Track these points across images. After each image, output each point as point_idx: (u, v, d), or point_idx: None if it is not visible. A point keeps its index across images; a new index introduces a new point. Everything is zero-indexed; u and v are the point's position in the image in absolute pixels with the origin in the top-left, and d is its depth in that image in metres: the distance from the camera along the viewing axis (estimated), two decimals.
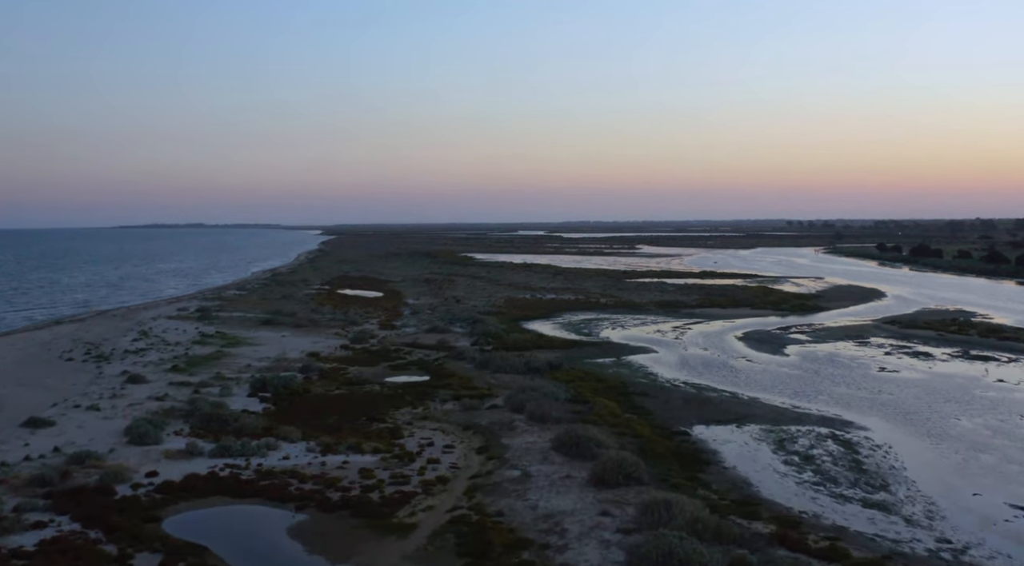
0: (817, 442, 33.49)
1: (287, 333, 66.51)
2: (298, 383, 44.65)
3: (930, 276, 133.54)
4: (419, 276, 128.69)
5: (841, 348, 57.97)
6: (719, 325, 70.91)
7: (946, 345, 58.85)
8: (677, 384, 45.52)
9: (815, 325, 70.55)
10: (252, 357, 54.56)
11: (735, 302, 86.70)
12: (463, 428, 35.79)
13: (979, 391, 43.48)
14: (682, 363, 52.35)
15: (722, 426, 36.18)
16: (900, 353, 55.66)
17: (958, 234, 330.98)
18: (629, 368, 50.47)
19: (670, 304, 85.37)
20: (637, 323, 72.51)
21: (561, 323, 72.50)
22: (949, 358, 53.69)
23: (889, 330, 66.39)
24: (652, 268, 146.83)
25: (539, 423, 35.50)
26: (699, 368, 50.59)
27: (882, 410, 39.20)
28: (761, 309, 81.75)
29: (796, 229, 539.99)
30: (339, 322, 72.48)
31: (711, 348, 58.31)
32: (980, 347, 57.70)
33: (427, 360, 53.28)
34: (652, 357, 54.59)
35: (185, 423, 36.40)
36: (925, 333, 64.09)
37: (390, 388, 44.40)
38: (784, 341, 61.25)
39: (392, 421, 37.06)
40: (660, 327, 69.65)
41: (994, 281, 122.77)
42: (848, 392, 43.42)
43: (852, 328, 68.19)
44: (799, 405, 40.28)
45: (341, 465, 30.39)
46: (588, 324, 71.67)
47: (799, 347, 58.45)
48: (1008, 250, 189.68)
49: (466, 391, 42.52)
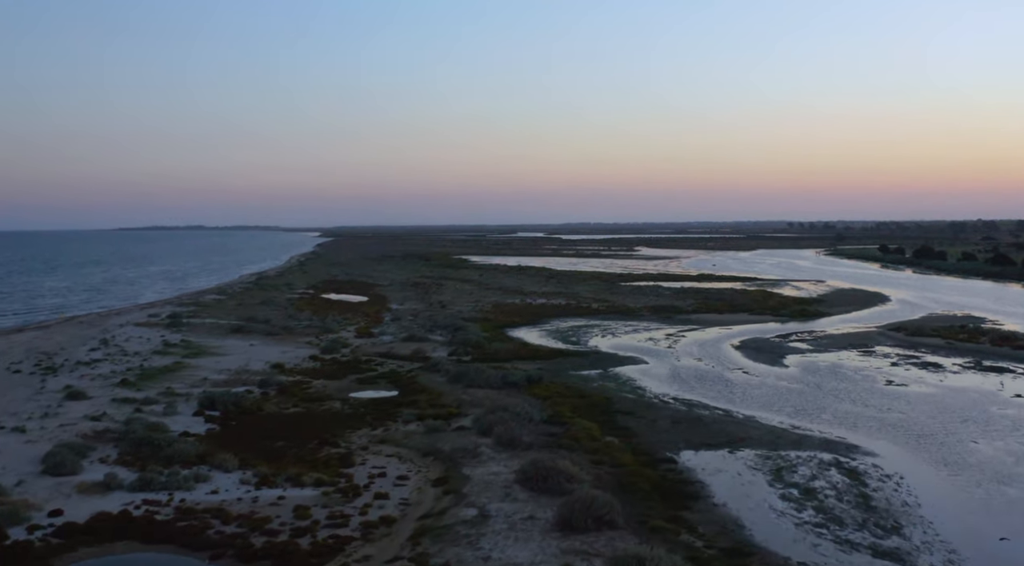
0: (819, 471, 29.67)
1: (257, 342, 62.76)
2: (251, 400, 40.88)
3: (934, 279, 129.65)
4: (408, 280, 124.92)
5: (844, 358, 54.17)
6: (715, 332, 67.11)
7: (956, 355, 55.03)
8: (666, 400, 41.73)
9: (816, 332, 66.73)
10: (212, 369, 50.81)
11: (733, 307, 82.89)
12: (423, 454, 32.02)
13: (996, 408, 39.66)
14: (673, 376, 48.55)
15: (713, 451, 32.37)
16: (908, 364, 51.86)
17: (960, 235, 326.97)
18: (616, 381, 46.69)
19: (665, 309, 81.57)
20: (629, 330, 68.72)
21: (548, 330, 68.74)
22: (961, 369, 49.87)
23: (895, 338, 62.56)
24: (649, 271, 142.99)
25: (507, 449, 31.71)
26: (691, 381, 46.79)
27: (891, 432, 35.38)
28: (760, 315, 77.95)
29: (797, 231, 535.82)
30: (314, 329, 68.74)
31: (706, 358, 54.52)
32: (993, 357, 53.88)
33: (399, 372, 49.58)
34: (642, 369, 50.81)
35: (115, 448, 32.68)
36: (933, 341, 60.26)
37: (353, 405, 40.68)
38: (783, 350, 57.45)
39: (346, 445, 33.33)
40: (653, 335, 65.85)
41: (1000, 284, 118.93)
42: (853, 409, 39.60)
43: (856, 336, 64.37)
44: (799, 426, 36.47)
45: (275, 501, 26.63)
46: (577, 331, 67.89)
47: (800, 357, 54.64)
48: (1012, 252, 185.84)
49: (433, 409, 38.73)
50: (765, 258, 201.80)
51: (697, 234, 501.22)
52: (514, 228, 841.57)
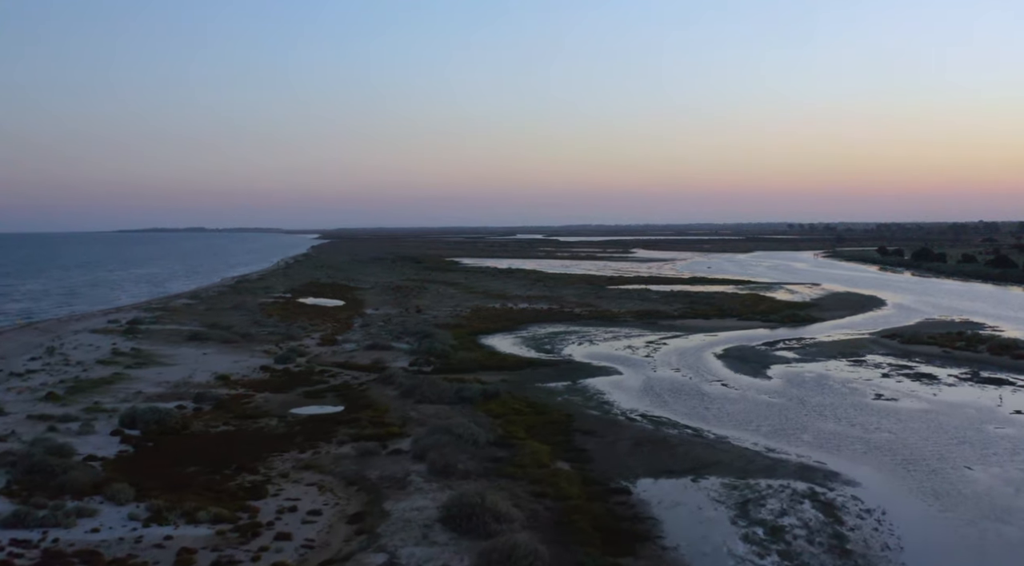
0: (791, 505, 26.09)
1: (211, 350, 59.26)
2: (177, 418, 37.30)
3: (933, 282, 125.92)
4: (391, 283, 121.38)
5: (833, 369, 50.57)
6: (699, 339, 63.53)
7: (952, 365, 51.43)
8: (633, 417, 38.16)
9: (806, 339, 63.14)
10: (152, 381, 47.27)
11: (721, 312, 79.30)
12: (347, 483, 28.48)
13: (994, 427, 36.07)
14: (646, 388, 44.98)
15: (675, 479, 28.81)
16: (900, 375, 48.25)
17: (961, 237, 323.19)
18: (582, 395, 43.14)
19: (650, 314, 78.01)
20: (608, 337, 65.14)
21: (524, 337, 65.18)
22: (956, 382, 46.26)
23: (888, 346, 58.96)
24: (640, 274, 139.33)
25: (440, 478, 28.16)
26: (664, 395, 43.21)
27: (877, 456, 31.79)
28: (749, 320, 74.34)
29: (797, 232, 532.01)
30: (276, 336, 65.22)
31: (684, 369, 50.93)
32: (992, 367, 50.28)
33: (352, 385, 46.07)
34: (613, 380, 47.26)
35: (8, 473, 29.15)
36: (929, 349, 56.67)
37: (289, 423, 37.16)
38: (769, 360, 53.87)
39: (265, 472, 29.80)
40: (633, 342, 62.28)
41: (1001, 287, 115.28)
42: (837, 429, 36.01)
43: (847, 343, 60.77)
44: (776, 448, 32.88)
45: (161, 542, 23.12)
46: (553, 338, 64.33)
47: (785, 367, 51.06)
48: (1014, 254, 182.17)
49: (373, 429, 35.18)
50: (762, 260, 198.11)
51: (696, 236, 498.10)
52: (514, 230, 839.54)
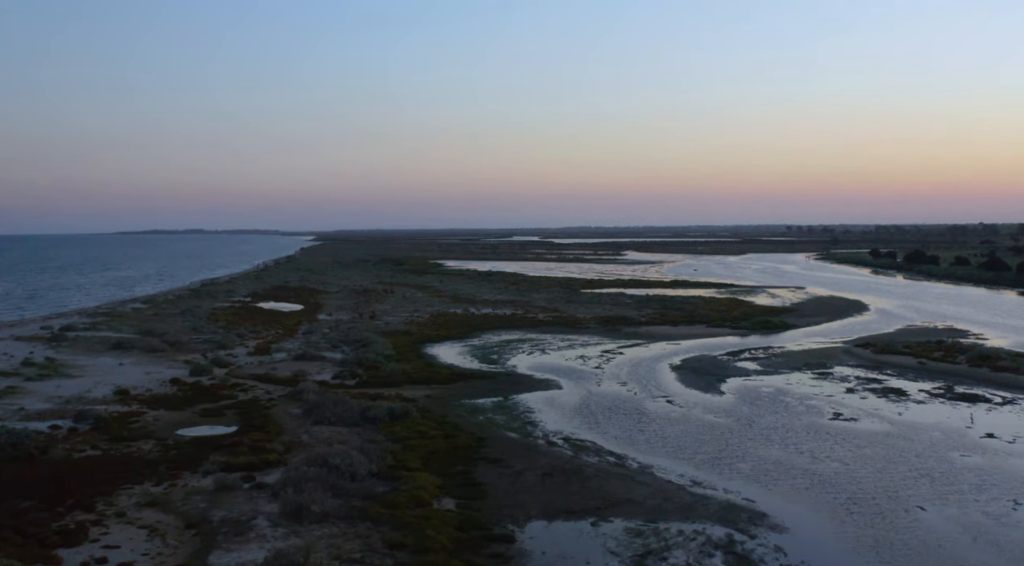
0: (699, 559, 21.73)
1: (131, 360, 54.95)
2: (38, 441, 32.94)
3: (924, 286, 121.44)
4: (361, 286, 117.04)
5: (794, 382, 46.18)
6: (659, 348, 59.17)
7: (926, 378, 47.03)
8: (555, 441, 33.81)
9: (775, 348, 58.77)
10: (44, 396, 42.92)
11: (692, 318, 74.93)
12: (186, 526, 24.13)
13: (959, 454, 31.70)
14: (582, 406, 40.62)
15: (572, 522, 24.46)
16: (866, 390, 43.86)
17: (959, 239, 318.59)
18: (508, 414, 38.81)
19: (615, 320, 73.65)
20: (564, 345, 60.80)
21: (473, 346, 60.84)
22: (927, 398, 41.85)
23: (860, 356, 54.57)
24: (622, 277, 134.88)
25: (290, 521, 23.81)
26: (599, 414, 38.84)
27: (818, 492, 27.40)
28: (719, 326, 69.99)
29: (795, 234, 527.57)
30: (209, 345, 60.88)
31: (632, 382, 46.57)
32: (969, 381, 45.90)
33: (259, 400, 41.72)
34: (549, 396, 42.91)
35: None
36: (903, 360, 52.27)
37: (167, 447, 32.81)
38: (727, 372, 49.51)
39: (103, 509, 25.44)
40: (588, 351, 57.93)
41: (994, 291, 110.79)
42: (781, 457, 31.65)
43: (817, 353, 56.39)
44: (704, 481, 28.52)
45: None
46: (504, 347, 59.99)
47: (742, 381, 46.68)
48: (1010, 256, 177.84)
49: (249, 456, 30.76)
50: (752, 263, 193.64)
51: (693, 238, 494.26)
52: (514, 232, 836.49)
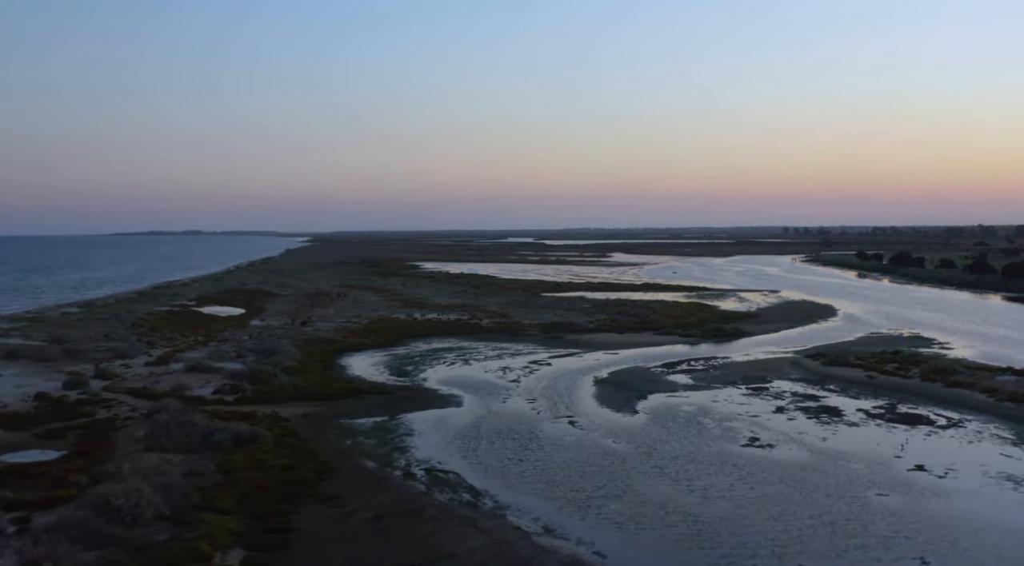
0: None
1: (14, 370, 50.43)
2: None
3: (905, 290, 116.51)
4: (317, 290, 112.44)
5: (722, 399, 41.52)
6: (594, 359, 54.57)
7: (870, 395, 42.34)
8: (414, 473, 29.24)
9: (719, 359, 54.12)
10: None
11: (643, 324, 70.32)
12: None
13: (877, 493, 27.03)
14: (471, 428, 36.00)
15: None
16: (798, 409, 39.21)
17: (952, 241, 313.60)
18: (382, 437, 34.25)
19: (560, 327, 69.05)
20: (493, 355, 56.21)
21: (395, 355, 56.26)
22: (863, 420, 37.16)
23: (807, 369, 49.91)
24: (592, 280, 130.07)
25: None
26: (484, 439, 34.22)
27: (689, 546, 22.73)
28: (669, 334, 65.35)
29: (791, 236, 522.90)
30: (110, 353, 56.24)
31: (542, 399, 41.95)
32: (916, 399, 41.19)
33: (116, 420, 37.19)
34: (441, 416, 38.34)
35: None
36: (851, 373, 47.58)
37: None
38: (654, 386, 44.86)
39: None
40: (515, 362, 53.33)
41: (978, 295, 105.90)
42: (668, 494, 27.02)
43: (761, 364, 51.73)
44: (558, 528, 23.90)
45: None
46: (427, 357, 55.43)
47: (665, 398, 42.03)
48: (1001, 258, 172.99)
49: (41, 493, 26.16)
50: (736, 265, 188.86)
51: (687, 240, 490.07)
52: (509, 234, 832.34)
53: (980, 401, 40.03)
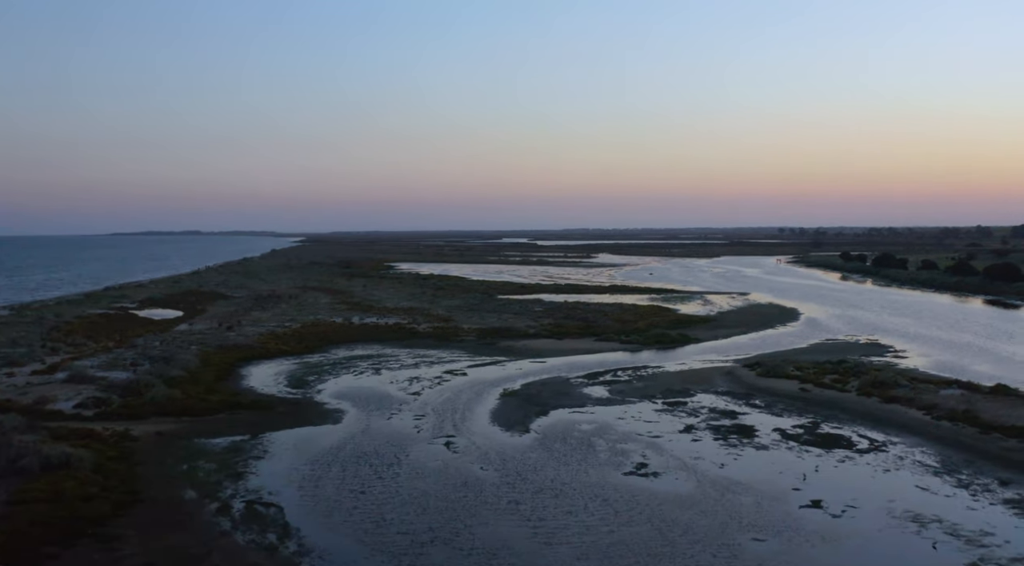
0: None
1: None
2: None
3: (880, 292, 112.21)
4: (272, 291, 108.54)
5: (630, 416, 37.51)
6: (516, 368, 50.62)
7: (794, 412, 38.29)
8: (230, 506, 25.29)
9: (650, 368, 50.14)
10: None
11: (587, 330, 66.36)
12: None
13: (752, 538, 23.01)
14: (333, 450, 32.02)
15: None
16: (708, 428, 35.20)
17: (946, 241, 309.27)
18: (225, 462, 30.29)
19: (498, 333, 65.12)
20: (411, 364, 52.26)
21: (305, 364, 52.34)
22: (775, 442, 33.11)
23: (739, 380, 45.87)
24: (559, 282, 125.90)
25: None
26: (339, 464, 30.23)
27: None
28: (611, 341, 61.38)
29: (786, 236, 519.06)
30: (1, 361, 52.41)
31: (432, 415, 37.97)
32: (843, 417, 37.17)
33: None
34: (310, 434, 34.45)
35: None
36: (785, 386, 43.56)
37: None
38: (563, 401, 40.87)
39: None
40: (428, 372, 49.38)
41: (959, 298, 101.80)
42: (505, 537, 23.02)
43: (693, 375, 47.72)
44: None
45: None
46: (338, 366, 51.52)
47: (567, 414, 38.05)
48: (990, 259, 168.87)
49: None
50: (718, 266, 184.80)
51: (683, 240, 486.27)
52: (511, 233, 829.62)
53: (914, 420, 36.03)
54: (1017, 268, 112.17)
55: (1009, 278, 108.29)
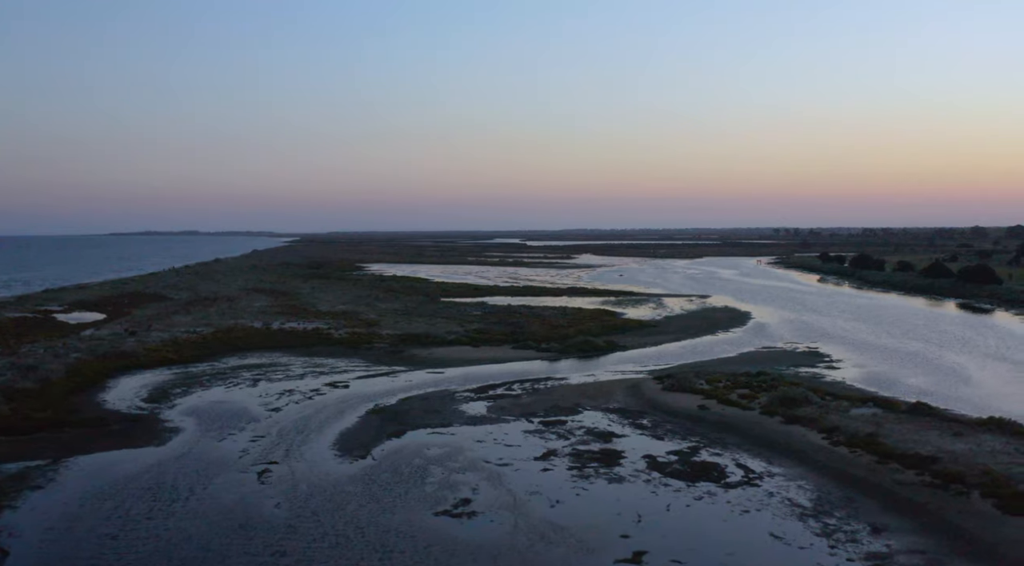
0: None
1: None
2: None
3: (850, 295, 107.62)
4: (217, 293, 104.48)
5: (492, 439, 33.24)
6: (407, 379, 46.47)
7: (678, 435, 33.95)
8: None
9: (554, 381, 45.93)
10: None
11: (511, 336, 62.16)
12: None
13: None
14: (124, 482, 27.86)
15: None
16: (571, 454, 30.86)
17: (938, 242, 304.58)
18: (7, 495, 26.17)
19: (414, 339, 60.99)
20: (297, 374, 48.08)
21: (183, 374, 48.20)
22: (637, 472, 28.79)
23: (637, 396, 41.53)
24: (516, 284, 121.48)
25: None
26: (112, 500, 26.07)
27: None
28: (529, 348, 57.20)
29: (781, 237, 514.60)
30: None
31: (275, 436, 33.81)
32: (731, 440, 32.86)
33: None
34: (119, 459, 30.48)
35: None
36: (685, 402, 39.33)
37: None
38: (429, 419, 36.67)
39: None
40: (310, 384, 45.23)
41: (931, 301, 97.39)
42: None
43: (592, 389, 43.44)
44: None
45: None
46: (218, 377, 47.39)
47: (424, 436, 33.83)
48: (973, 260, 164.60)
49: None
50: (695, 267, 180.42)
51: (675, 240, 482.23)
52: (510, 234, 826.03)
53: (809, 445, 31.79)
54: (991, 271, 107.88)
55: (982, 281, 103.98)
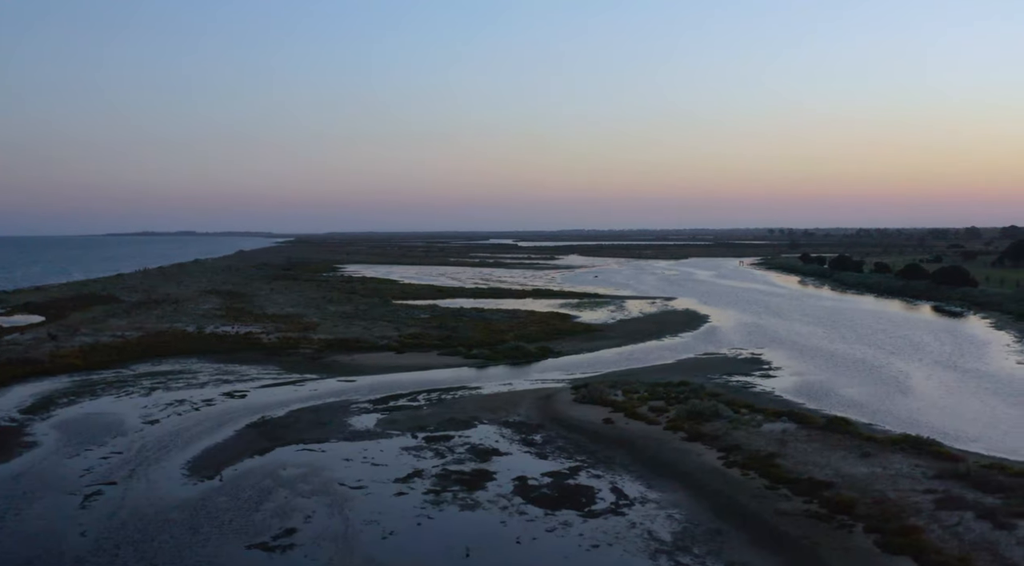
0: None
1: None
2: None
3: (819, 298, 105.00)
4: (168, 295, 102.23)
5: (362, 457, 30.74)
6: (311, 388, 44.15)
7: (563, 454, 31.29)
8: None
9: (464, 391, 43.53)
10: None
11: (444, 342, 59.72)
12: None
13: None
14: None
15: None
16: (439, 475, 28.36)
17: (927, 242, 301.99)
18: None
19: (341, 345, 58.70)
20: (200, 383, 45.81)
21: (81, 381, 45.99)
22: (499, 497, 26.29)
23: (543, 408, 38.90)
24: (486, 284, 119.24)
25: None
26: None
27: None
28: (456, 356, 54.69)
29: (775, 238, 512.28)
30: None
31: (132, 452, 31.43)
32: (615, 462, 30.30)
33: None
34: None
35: None
36: (590, 415, 36.84)
37: None
38: (307, 434, 34.28)
39: None
40: (209, 393, 43.05)
41: (905, 303, 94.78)
42: None
43: (497, 400, 40.94)
44: None
45: None
46: (119, 385, 45.23)
47: (292, 453, 31.38)
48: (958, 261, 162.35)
49: None
50: (675, 268, 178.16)
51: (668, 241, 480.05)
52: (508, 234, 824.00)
53: (701, 466, 29.29)
54: (966, 272, 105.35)
55: (956, 283, 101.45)
